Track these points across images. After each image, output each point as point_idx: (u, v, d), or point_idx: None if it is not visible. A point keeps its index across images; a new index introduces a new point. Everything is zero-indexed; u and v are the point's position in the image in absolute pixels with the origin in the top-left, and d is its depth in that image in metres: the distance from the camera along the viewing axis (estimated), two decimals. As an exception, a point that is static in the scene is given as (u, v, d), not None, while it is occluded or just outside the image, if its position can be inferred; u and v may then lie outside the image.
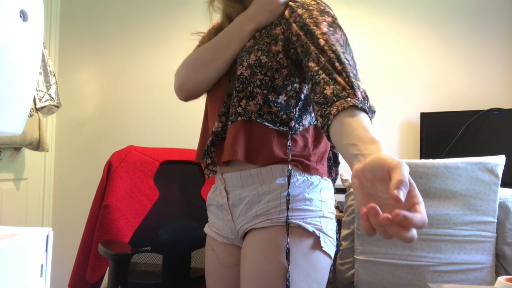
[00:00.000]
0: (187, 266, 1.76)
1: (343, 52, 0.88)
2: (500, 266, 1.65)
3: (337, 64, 0.85)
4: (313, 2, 1.00)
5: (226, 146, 1.00)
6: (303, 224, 0.96)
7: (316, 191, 1.00)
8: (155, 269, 1.76)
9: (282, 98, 0.99)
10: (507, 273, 1.61)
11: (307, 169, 1.00)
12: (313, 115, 1.02)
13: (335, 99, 0.80)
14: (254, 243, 0.98)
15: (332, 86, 0.82)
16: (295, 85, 1.00)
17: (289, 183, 0.97)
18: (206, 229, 1.18)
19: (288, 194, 0.97)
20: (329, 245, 0.99)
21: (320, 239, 0.97)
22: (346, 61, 0.85)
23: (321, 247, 0.97)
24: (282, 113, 0.99)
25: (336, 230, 1.03)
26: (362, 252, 1.70)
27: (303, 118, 1.02)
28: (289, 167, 0.98)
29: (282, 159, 0.98)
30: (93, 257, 1.62)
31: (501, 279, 0.97)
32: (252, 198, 1.01)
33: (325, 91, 0.82)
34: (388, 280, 1.65)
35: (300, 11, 0.98)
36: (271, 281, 0.92)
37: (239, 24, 1.05)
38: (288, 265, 0.93)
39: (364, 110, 0.78)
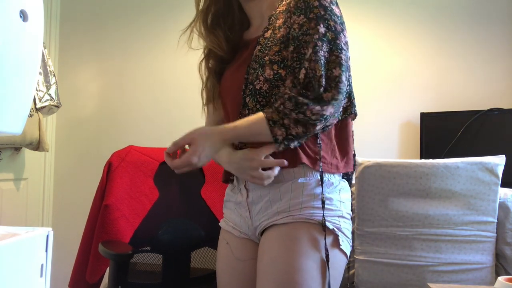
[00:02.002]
0: (187, 266, 1.76)
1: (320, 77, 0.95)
2: (500, 266, 1.65)
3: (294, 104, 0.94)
4: (316, 3, 0.98)
5: None
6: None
7: (336, 191, 1.02)
8: (155, 269, 1.76)
9: None
10: (507, 273, 1.61)
11: (330, 168, 1.01)
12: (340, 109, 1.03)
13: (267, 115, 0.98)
14: (275, 237, 0.99)
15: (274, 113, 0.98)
16: None
17: (322, 184, 0.99)
18: (222, 223, 1.19)
19: (323, 195, 0.99)
20: (346, 244, 1.01)
21: (339, 238, 0.98)
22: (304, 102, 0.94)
23: (339, 245, 0.98)
24: None
25: (351, 231, 1.05)
26: (362, 252, 1.70)
27: None
28: (321, 168, 1.00)
29: (304, 159, 0.99)
30: (93, 257, 1.62)
31: (501, 279, 0.97)
32: (273, 195, 1.02)
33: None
34: (388, 280, 1.65)
35: (301, 19, 0.99)
36: (293, 274, 0.93)
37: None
38: (328, 268, 0.94)
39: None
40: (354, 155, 1.11)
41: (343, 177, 1.07)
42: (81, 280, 1.66)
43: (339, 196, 1.02)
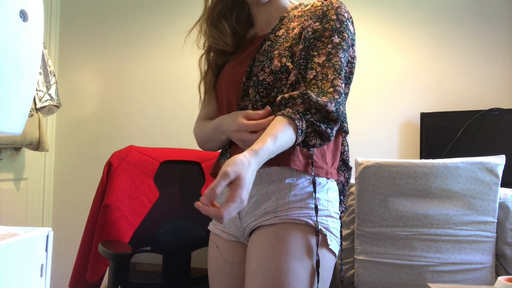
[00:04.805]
0: (187, 266, 1.76)
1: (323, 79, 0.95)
2: (500, 266, 1.65)
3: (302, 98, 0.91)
4: (334, 17, 1.01)
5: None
6: (311, 222, 0.97)
7: (323, 191, 1.02)
8: (155, 269, 1.76)
9: None
10: (507, 273, 1.61)
11: (319, 172, 1.02)
12: None
13: (282, 108, 0.93)
14: (262, 238, 0.99)
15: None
16: None
17: (314, 189, 0.99)
18: (211, 226, 1.19)
19: (315, 198, 0.98)
20: (335, 244, 1.00)
21: (327, 237, 0.98)
22: (314, 98, 0.90)
23: (328, 245, 0.98)
24: None
25: (340, 230, 1.05)
26: (362, 252, 1.70)
27: None
28: (313, 172, 1.00)
29: (292, 159, 0.99)
30: (93, 257, 1.62)
31: (501, 279, 0.97)
32: (261, 196, 1.02)
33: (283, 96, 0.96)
34: (388, 280, 1.65)
35: (316, 25, 1.01)
36: (279, 275, 0.93)
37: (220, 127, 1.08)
38: (318, 273, 0.94)
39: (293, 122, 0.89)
40: (350, 168, 1.13)
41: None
42: (81, 280, 1.66)
43: (327, 195, 1.02)
